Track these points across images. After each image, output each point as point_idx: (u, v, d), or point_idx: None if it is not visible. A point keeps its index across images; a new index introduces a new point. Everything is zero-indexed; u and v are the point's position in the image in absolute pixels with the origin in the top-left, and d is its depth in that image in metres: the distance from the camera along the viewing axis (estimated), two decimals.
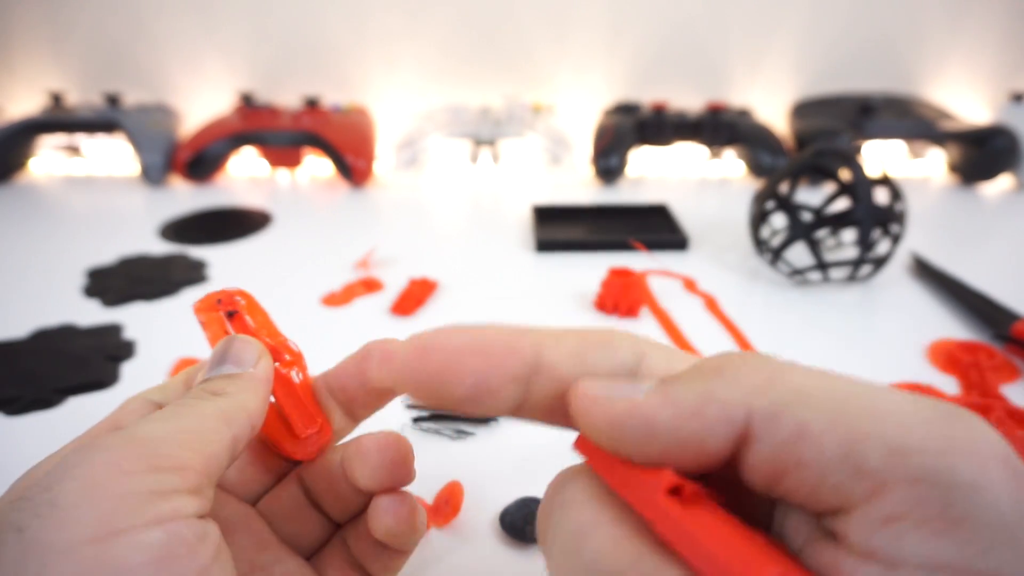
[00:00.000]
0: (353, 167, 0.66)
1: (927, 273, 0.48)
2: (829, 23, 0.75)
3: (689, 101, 0.77)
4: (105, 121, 0.68)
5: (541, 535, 0.15)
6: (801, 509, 0.13)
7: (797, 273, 0.46)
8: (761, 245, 0.47)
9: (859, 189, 0.44)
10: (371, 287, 0.47)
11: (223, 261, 0.52)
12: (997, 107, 0.72)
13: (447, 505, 0.28)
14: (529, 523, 0.27)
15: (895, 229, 0.45)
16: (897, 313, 0.44)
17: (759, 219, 0.47)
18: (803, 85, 0.78)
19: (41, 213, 0.63)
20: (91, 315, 0.44)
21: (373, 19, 0.75)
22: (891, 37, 0.76)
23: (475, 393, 0.15)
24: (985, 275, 0.47)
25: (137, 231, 0.57)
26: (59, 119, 0.69)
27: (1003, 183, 0.68)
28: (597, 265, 0.48)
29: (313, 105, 0.71)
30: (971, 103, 0.77)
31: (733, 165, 0.72)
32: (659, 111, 0.70)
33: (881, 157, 0.71)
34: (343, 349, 0.22)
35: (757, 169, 0.68)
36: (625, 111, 0.72)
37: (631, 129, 0.68)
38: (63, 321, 0.43)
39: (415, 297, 0.45)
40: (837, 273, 0.48)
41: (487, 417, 0.33)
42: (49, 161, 0.73)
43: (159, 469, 0.15)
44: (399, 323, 0.43)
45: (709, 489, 0.13)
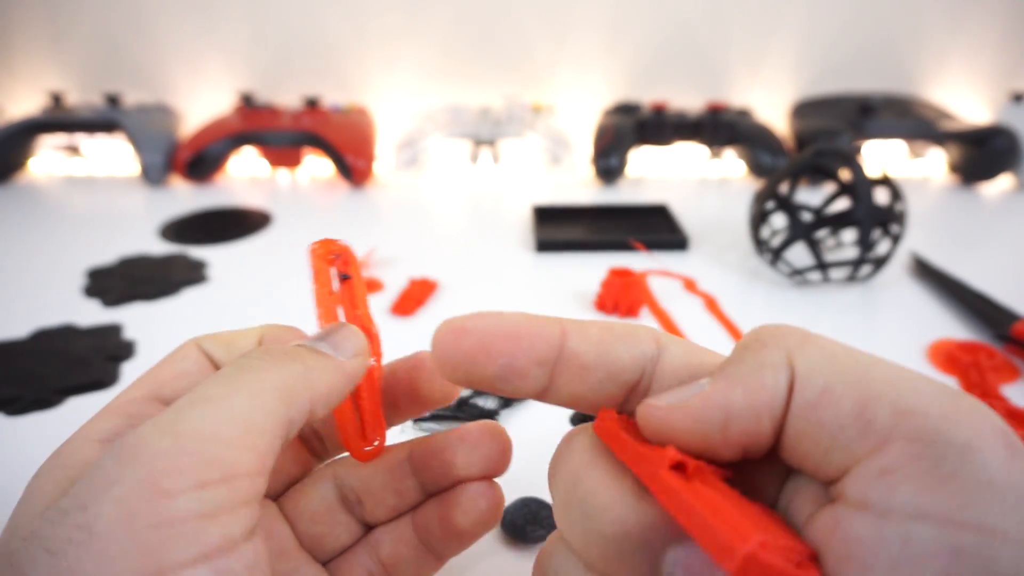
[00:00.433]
0: (353, 167, 0.66)
1: (927, 273, 0.48)
2: (829, 23, 0.75)
3: (689, 101, 0.77)
4: (105, 121, 0.68)
5: (551, 477, 0.17)
6: (812, 476, 0.14)
7: (797, 273, 0.46)
8: (761, 245, 0.47)
9: (859, 189, 0.44)
10: (371, 287, 0.47)
11: (223, 261, 0.52)
12: (997, 107, 0.72)
13: None
14: (529, 523, 0.27)
15: (895, 229, 0.45)
16: (897, 313, 0.44)
17: (759, 219, 0.47)
18: (803, 85, 0.78)
19: (41, 213, 0.63)
20: (91, 315, 0.44)
21: (373, 19, 0.75)
22: (891, 37, 0.76)
23: (504, 374, 0.16)
24: (985, 275, 0.47)
25: (137, 231, 0.57)
26: (59, 119, 0.69)
27: (1003, 183, 0.68)
28: (597, 265, 0.48)
29: (313, 105, 0.71)
30: (971, 103, 0.77)
31: (733, 165, 0.72)
32: (659, 111, 0.70)
33: (881, 157, 0.71)
34: None
35: (757, 169, 0.68)
36: (625, 111, 0.72)
37: (631, 129, 0.68)
38: (63, 321, 0.43)
39: (415, 297, 0.45)
40: (837, 273, 0.48)
41: (488, 415, 0.34)
42: (49, 161, 0.73)
43: (206, 484, 0.14)
44: (399, 323, 0.43)
45: (714, 467, 0.14)
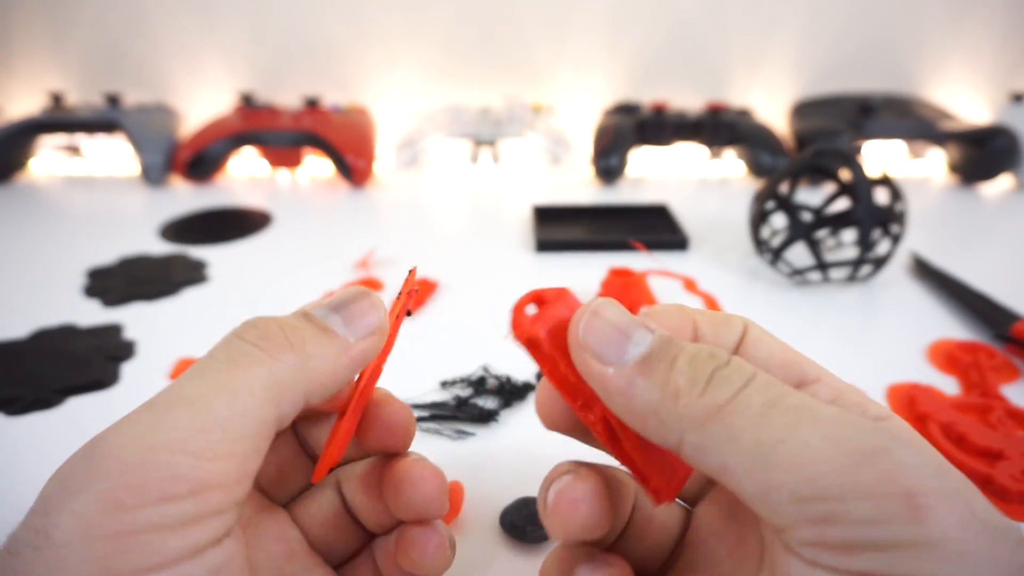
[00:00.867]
0: (353, 167, 0.66)
1: (927, 273, 0.48)
2: (829, 23, 0.75)
3: (689, 101, 0.77)
4: (105, 121, 0.68)
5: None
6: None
7: (797, 273, 0.46)
8: (761, 245, 0.47)
9: (859, 189, 0.44)
10: (371, 287, 0.47)
11: (223, 261, 0.52)
12: (997, 107, 0.72)
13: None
14: (529, 523, 0.27)
15: (895, 229, 0.45)
16: (897, 313, 0.44)
17: (759, 219, 0.47)
18: (803, 85, 0.78)
19: (41, 213, 0.63)
20: (91, 315, 0.44)
21: (373, 19, 0.75)
22: (891, 37, 0.76)
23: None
24: (985, 275, 0.47)
25: (137, 231, 0.57)
26: (59, 119, 0.69)
27: (1003, 183, 0.68)
28: (597, 265, 0.48)
29: (313, 105, 0.71)
30: (971, 103, 0.77)
31: (733, 165, 0.72)
32: (659, 111, 0.70)
33: (881, 157, 0.71)
34: None
35: (757, 169, 0.68)
36: (625, 111, 0.72)
37: (631, 129, 0.68)
38: (63, 321, 0.43)
39: (415, 297, 0.45)
40: (837, 273, 0.48)
41: (489, 415, 0.34)
42: (49, 161, 0.73)
43: (171, 499, 0.13)
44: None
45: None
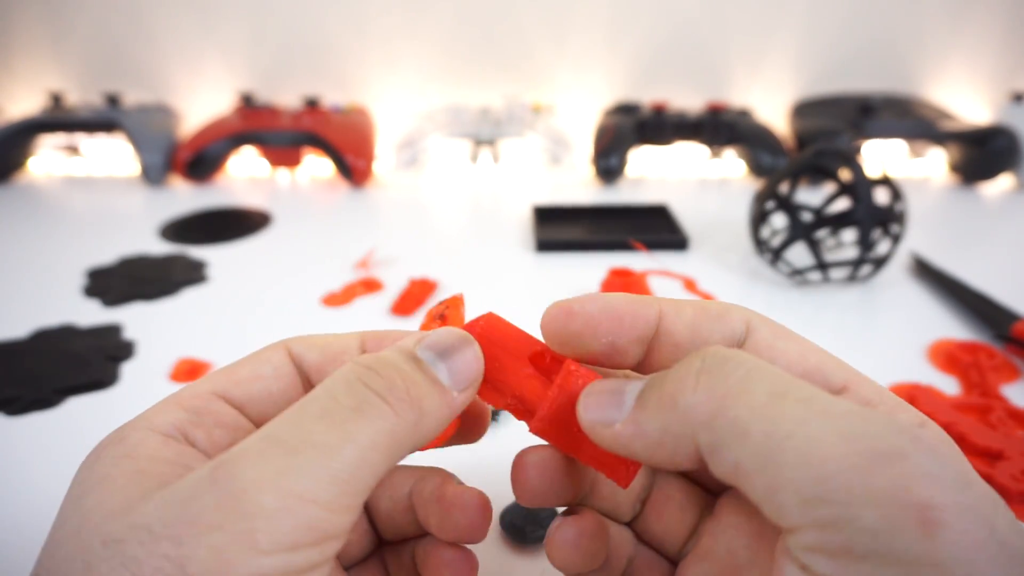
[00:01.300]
0: (353, 167, 0.66)
1: (927, 273, 0.48)
2: (829, 23, 0.75)
3: (689, 101, 0.77)
4: (105, 121, 0.68)
5: None
6: None
7: (797, 273, 0.46)
8: (761, 245, 0.47)
9: (859, 189, 0.44)
10: (371, 287, 0.47)
11: (223, 261, 0.52)
12: (997, 107, 0.72)
13: None
14: (529, 523, 0.27)
15: (895, 229, 0.45)
16: (897, 313, 0.44)
17: (759, 219, 0.47)
18: (803, 85, 0.78)
19: (41, 213, 0.63)
20: (91, 315, 0.44)
21: (373, 19, 0.75)
22: (891, 37, 0.76)
23: (608, 351, 0.18)
24: (985, 275, 0.47)
25: (137, 231, 0.57)
26: (59, 119, 0.69)
27: (1003, 183, 0.68)
28: (597, 265, 0.48)
29: (313, 105, 0.71)
30: (971, 103, 0.77)
31: (733, 165, 0.72)
32: (659, 111, 0.70)
33: (881, 157, 0.71)
34: None
35: (757, 169, 0.68)
36: (625, 111, 0.72)
37: (631, 129, 0.68)
38: (63, 321, 0.43)
39: (415, 297, 0.45)
40: (837, 273, 0.48)
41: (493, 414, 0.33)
42: (49, 161, 0.73)
43: (300, 546, 0.14)
44: (399, 323, 0.43)
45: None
